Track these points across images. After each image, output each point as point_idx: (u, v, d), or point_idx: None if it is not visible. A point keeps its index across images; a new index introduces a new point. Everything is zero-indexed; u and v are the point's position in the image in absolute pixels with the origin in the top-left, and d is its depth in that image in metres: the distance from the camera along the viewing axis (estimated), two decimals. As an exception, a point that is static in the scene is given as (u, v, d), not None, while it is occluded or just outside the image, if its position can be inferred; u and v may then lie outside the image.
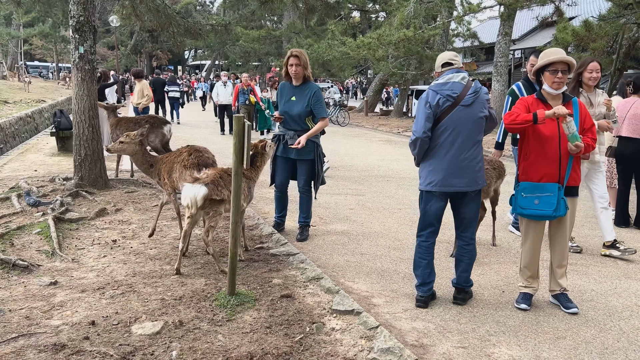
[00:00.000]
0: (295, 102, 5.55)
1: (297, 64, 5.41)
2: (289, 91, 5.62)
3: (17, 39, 38.90)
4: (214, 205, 4.47)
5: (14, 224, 5.58)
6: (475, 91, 4.00)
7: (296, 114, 5.54)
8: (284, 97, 5.65)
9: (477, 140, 4.05)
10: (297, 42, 28.14)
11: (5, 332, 3.42)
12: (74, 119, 7.30)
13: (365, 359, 3.24)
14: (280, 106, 5.67)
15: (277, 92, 5.79)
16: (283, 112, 5.62)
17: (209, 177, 4.47)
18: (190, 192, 4.32)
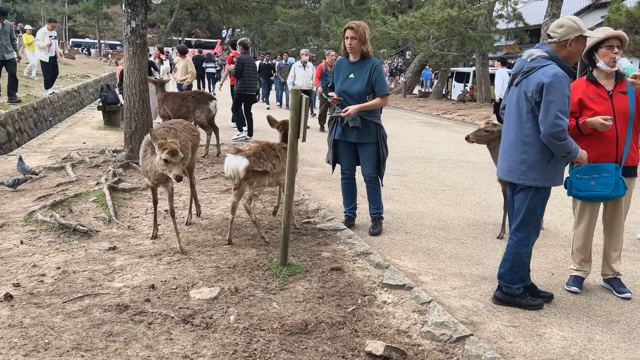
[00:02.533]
0: (354, 80, 5.02)
1: (353, 37, 4.89)
2: (347, 68, 5.09)
3: (62, 15, 39.71)
4: (257, 177, 4.57)
5: (71, 192, 5.80)
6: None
7: (355, 92, 5.00)
8: (341, 75, 5.11)
9: None
10: (336, 21, 27.95)
11: (72, 292, 3.59)
12: (125, 92, 7.47)
13: (419, 332, 3.29)
14: (337, 85, 5.12)
15: (333, 70, 5.31)
16: (341, 92, 5.08)
17: (251, 149, 4.58)
18: (232, 163, 4.43)
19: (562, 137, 3.43)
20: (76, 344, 2.93)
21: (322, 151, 10.09)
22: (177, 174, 3.82)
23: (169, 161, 3.86)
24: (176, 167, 3.84)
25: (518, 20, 23.70)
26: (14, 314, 3.23)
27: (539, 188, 3.64)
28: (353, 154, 5.24)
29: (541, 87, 3.44)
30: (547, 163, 3.59)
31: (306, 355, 2.97)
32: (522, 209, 3.72)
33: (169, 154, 3.84)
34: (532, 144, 3.58)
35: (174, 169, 3.83)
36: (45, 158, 8.05)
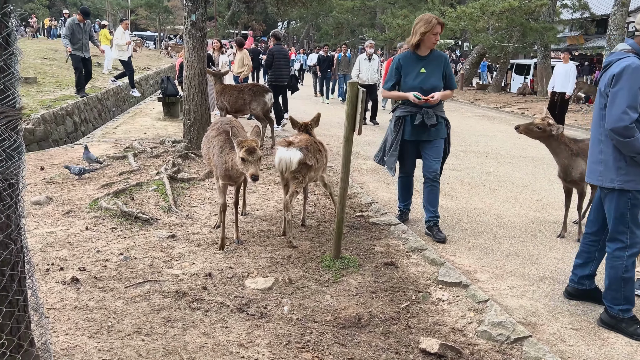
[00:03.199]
0: (427, 75, 4.76)
1: (440, 33, 4.75)
2: (416, 63, 4.80)
3: (125, 9, 41.14)
4: (304, 171, 4.47)
5: (133, 181, 6.01)
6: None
7: (431, 87, 4.74)
8: (411, 70, 4.79)
9: None
10: (392, 13, 27.61)
11: (133, 277, 3.72)
12: (185, 84, 7.66)
13: (475, 331, 3.22)
14: (409, 81, 4.79)
15: (394, 65, 4.89)
16: (415, 88, 4.74)
17: (302, 142, 4.49)
18: (286, 156, 4.31)
19: (626, 133, 3.17)
20: (137, 328, 3.04)
21: (375, 145, 10.03)
22: (254, 172, 3.73)
23: (246, 160, 3.77)
24: (253, 166, 3.76)
25: (584, 10, 22.68)
26: (80, 297, 3.38)
27: (624, 191, 3.33)
28: (416, 152, 5.06)
29: (611, 79, 3.26)
30: (624, 163, 3.29)
31: (359, 350, 2.96)
32: (611, 216, 3.43)
33: (247, 152, 3.75)
34: (607, 142, 3.35)
35: (250, 168, 3.75)
36: (108, 147, 8.37)
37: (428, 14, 4.81)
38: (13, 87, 1.92)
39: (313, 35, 53.89)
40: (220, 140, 4.29)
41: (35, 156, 7.75)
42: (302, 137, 4.51)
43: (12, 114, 1.91)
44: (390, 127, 5.02)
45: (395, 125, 4.93)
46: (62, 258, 3.99)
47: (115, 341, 2.89)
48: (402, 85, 4.85)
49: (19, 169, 1.95)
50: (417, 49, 4.81)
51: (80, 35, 11.54)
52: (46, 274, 3.70)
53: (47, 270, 3.76)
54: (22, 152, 1.97)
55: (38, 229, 4.58)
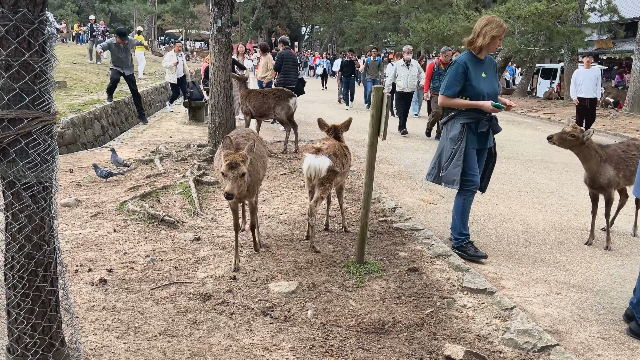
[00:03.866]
0: (488, 79, 4.49)
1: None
2: (477, 66, 4.46)
3: (152, 14, 41.80)
4: (331, 177, 4.44)
5: (159, 184, 6.10)
6: None
7: (493, 92, 4.49)
8: (473, 74, 4.41)
9: None
10: (416, 17, 27.50)
11: (159, 279, 3.78)
12: (210, 89, 7.75)
13: (500, 338, 3.19)
14: (476, 85, 4.42)
15: (458, 69, 4.42)
16: (481, 94, 4.42)
17: (330, 148, 4.45)
18: (315, 163, 4.27)
19: None
20: (163, 329, 3.08)
21: (399, 149, 10.00)
22: (228, 190, 3.36)
23: (225, 174, 3.44)
24: (230, 183, 3.38)
25: (612, 13, 22.28)
26: (108, 298, 3.44)
27: None
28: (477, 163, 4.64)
29: None
30: None
31: (383, 355, 2.96)
32: None
33: (227, 167, 3.43)
34: None
35: (227, 184, 3.39)
36: (135, 151, 8.51)
37: (496, 16, 4.48)
38: (48, 93, 1.97)
39: (336, 39, 53.97)
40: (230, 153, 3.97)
41: (64, 159, 7.91)
42: (330, 143, 4.50)
43: (47, 118, 1.96)
44: (448, 136, 4.57)
45: (459, 133, 4.48)
46: (91, 259, 4.07)
47: (142, 342, 2.93)
48: (469, 91, 4.43)
49: (52, 172, 2.01)
50: (478, 52, 4.46)
51: (120, 54, 11.32)
52: (75, 274, 3.78)
53: (76, 271, 3.84)
54: (55, 156, 2.03)
55: (67, 230, 4.67)
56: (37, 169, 1.96)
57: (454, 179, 4.51)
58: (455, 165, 4.50)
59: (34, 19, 1.89)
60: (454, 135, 4.51)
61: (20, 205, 1.95)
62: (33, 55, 1.91)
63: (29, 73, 1.91)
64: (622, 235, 5.41)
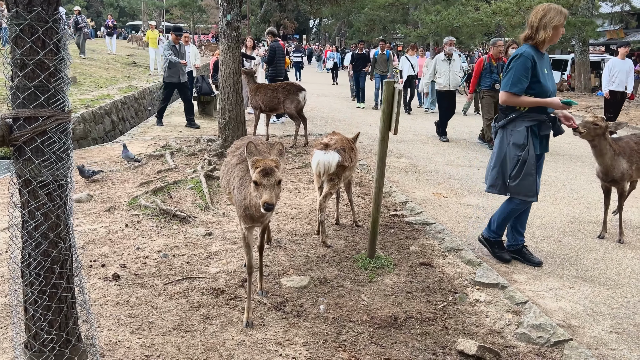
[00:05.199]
0: (549, 76, 4.09)
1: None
2: (541, 62, 4.01)
3: (160, 9, 41.84)
4: (340, 172, 4.42)
5: (170, 179, 6.13)
6: None
7: (554, 89, 4.10)
8: (540, 70, 3.97)
9: None
10: (425, 9, 27.32)
11: (172, 275, 3.80)
12: (220, 84, 7.75)
13: (513, 333, 3.18)
14: (545, 82, 3.98)
15: (523, 62, 3.94)
16: (546, 92, 3.98)
17: (338, 143, 4.42)
18: (324, 159, 4.26)
19: None
20: (177, 324, 3.10)
21: (409, 142, 9.97)
22: (267, 199, 2.83)
23: (260, 183, 2.89)
24: (268, 191, 2.87)
25: (624, 3, 21.99)
26: (121, 293, 3.47)
27: None
28: None
29: None
30: None
31: (396, 350, 2.96)
32: None
33: (261, 174, 2.89)
34: None
35: (264, 193, 2.86)
36: (145, 145, 8.55)
37: (552, 3, 4.00)
38: (62, 91, 1.98)
39: (345, 32, 53.77)
40: (243, 170, 3.41)
41: (76, 154, 7.97)
42: (337, 137, 4.49)
43: (62, 116, 1.97)
44: (510, 141, 4.07)
45: (524, 139, 4.01)
46: (104, 255, 4.11)
47: (156, 337, 2.96)
48: (536, 89, 3.97)
49: (67, 170, 2.02)
50: (540, 46, 4.00)
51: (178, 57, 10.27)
52: (89, 270, 3.81)
53: (90, 266, 3.87)
54: (71, 154, 2.04)
55: (80, 226, 4.71)
56: (52, 167, 1.97)
57: (530, 191, 4.05)
58: (528, 175, 4.02)
59: (48, 18, 1.90)
60: (518, 140, 4.02)
61: (37, 203, 1.97)
62: (47, 54, 1.92)
63: (44, 72, 1.93)
64: (635, 229, 5.37)
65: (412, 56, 14.83)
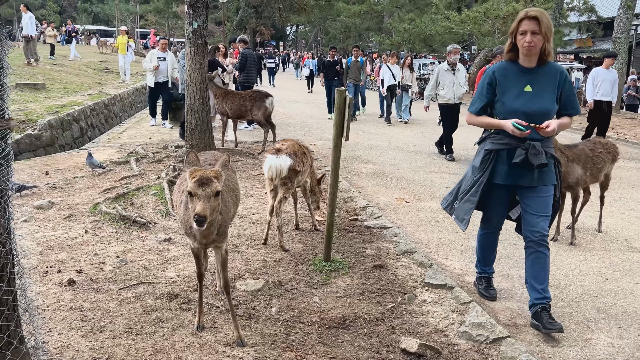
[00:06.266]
0: (534, 94, 3.43)
1: (536, 31, 3.29)
2: (518, 77, 3.46)
3: (135, 14, 41.57)
4: (292, 176, 4.51)
5: (134, 185, 6.15)
6: None
7: (539, 111, 3.41)
8: (511, 87, 3.46)
9: None
10: (399, 17, 27.72)
11: (128, 280, 3.84)
12: (187, 90, 7.80)
13: (456, 331, 3.30)
14: (508, 101, 3.45)
15: (492, 79, 3.51)
16: (514, 112, 3.41)
17: (289, 148, 4.54)
18: (276, 163, 4.36)
19: None
20: (128, 327, 3.15)
21: (378, 149, 10.12)
22: (199, 211, 2.58)
23: (194, 194, 2.65)
24: (202, 202, 2.61)
25: (590, 12, 22.62)
26: (75, 298, 3.50)
27: None
28: (508, 201, 3.73)
29: None
30: None
31: (342, 349, 3.05)
32: None
33: (197, 184, 2.65)
34: None
35: (198, 204, 2.61)
36: (113, 152, 8.53)
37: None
38: (2, 99, 2.04)
39: (321, 39, 54.09)
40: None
41: (41, 161, 7.92)
42: (289, 143, 4.63)
43: (1, 124, 2.03)
44: (472, 163, 3.74)
45: (482, 162, 3.57)
46: (61, 261, 4.12)
47: (106, 340, 3.00)
48: (498, 109, 3.54)
49: (7, 176, 2.07)
50: (515, 58, 3.50)
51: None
52: (44, 276, 3.83)
53: (46, 272, 3.89)
54: (10, 160, 2.09)
55: (39, 232, 4.71)
56: (-9, 172, 2.02)
57: (463, 217, 3.64)
58: (468, 201, 3.62)
59: (-14, 28, 1.96)
60: (476, 162, 3.65)
61: (-25, 208, 2.02)
62: (-15, 63, 1.98)
63: (-18, 80, 1.98)
64: (587, 231, 5.57)
65: (392, 65, 14.12)
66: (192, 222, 2.63)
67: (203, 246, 3.08)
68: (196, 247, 3.13)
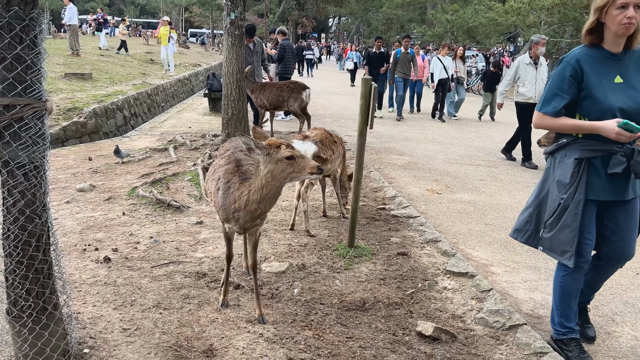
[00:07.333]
0: (627, 87, 2.78)
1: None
2: (605, 65, 2.79)
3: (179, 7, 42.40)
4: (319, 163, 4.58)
5: (170, 171, 6.38)
6: None
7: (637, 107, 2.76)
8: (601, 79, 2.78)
9: None
10: (442, 8, 27.32)
11: (160, 259, 4.03)
12: (224, 80, 7.98)
13: (473, 317, 3.34)
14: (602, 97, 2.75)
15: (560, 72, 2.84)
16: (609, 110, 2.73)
17: (317, 136, 4.64)
18: (301, 148, 4.43)
19: None
20: (157, 302, 3.32)
21: (413, 140, 10.10)
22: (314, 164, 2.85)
23: (294, 156, 2.82)
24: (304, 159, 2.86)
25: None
26: (110, 274, 3.71)
27: None
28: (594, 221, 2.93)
29: None
30: None
31: (359, 330, 3.14)
32: None
33: (289, 147, 2.85)
34: None
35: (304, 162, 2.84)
36: (153, 140, 8.83)
37: None
38: (39, 82, 2.21)
39: (363, 31, 53.89)
40: (229, 171, 3.12)
41: (86, 147, 8.28)
42: (318, 132, 4.72)
43: (38, 105, 2.20)
44: (555, 176, 2.94)
45: (573, 175, 2.84)
46: (99, 240, 4.35)
47: (136, 313, 3.18)
48: (587, 108, 2.82)
49: (43, 153, 2.24)
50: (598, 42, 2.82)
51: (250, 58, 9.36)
52: (82, 253, 4.06)
53: (84, 250, 4.12)
54: (46, 139, 2.26)
55: (80, 213, 4.97)
56: (28, 150, 2.19)
57: (565, 250, 2.86)
58: (567, 227, 2.84)
59: (25, 16, 2.12)
60: (562, 177, 2.88)
61: (14, 182, 2.20)
62: (24, 49, 2.14)
63: (21, 64, 2.15)
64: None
65: (444, 57, 12.91)
66: (313, 174, 2.83)
67: (243, 230, 3.13)
68: (234, 231, 3.21)
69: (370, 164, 7.57)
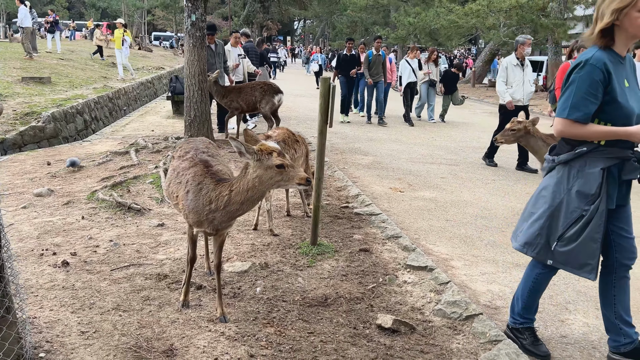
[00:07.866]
0: (632, 90, 2.77)
1: None
2: (618, 70, 2.72)
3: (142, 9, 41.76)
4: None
5: (131, 174, 6.29)
6: None
7: None
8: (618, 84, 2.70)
9: None
10: (405, 11, 27.69)
11: (120, 262, 3.97)
12: (186, 83, 7.93)
13: (432, 309, 3.41)
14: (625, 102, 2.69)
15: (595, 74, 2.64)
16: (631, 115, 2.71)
17: (279, 135, 4.67)
18: None
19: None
20: (116, 305, 3.28)
21: (377, 141, 10.21)
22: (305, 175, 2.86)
23: (285, 165, 2.81)
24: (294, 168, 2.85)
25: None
26: (68, 278, 3.64)
27: None
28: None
29: None
30: None
31: (320, 325, 3.17)
32: None
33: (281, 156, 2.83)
34: None
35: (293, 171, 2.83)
36: (115, 144, 8.68)
37: None
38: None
39: (328, 34, 54.11)
40: (198, 173, 3.09)
41: (45, 152, 8.09)
42: (280, 131, 4.74)
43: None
44: (574, 186, 2.79)
45: (598, 187, 2.72)
46: (57, 244, 4.27)
47: (94, 316, 3.13)
48: (610, 112, 2.71)
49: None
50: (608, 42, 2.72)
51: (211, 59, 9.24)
52: (40, 258, 3.97)
53: (41, 254, 4.03)
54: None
55: (37, 218, 4.86)
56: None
57: (585, 262, 2.76)
58: (591, 240, 2.73)
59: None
60: (587, 188, 2.74)
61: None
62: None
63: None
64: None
65: (412, 59, 12.90)
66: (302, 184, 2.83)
67: (215, 232, 3.10)
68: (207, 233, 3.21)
69: (335, 164, 7.63)
